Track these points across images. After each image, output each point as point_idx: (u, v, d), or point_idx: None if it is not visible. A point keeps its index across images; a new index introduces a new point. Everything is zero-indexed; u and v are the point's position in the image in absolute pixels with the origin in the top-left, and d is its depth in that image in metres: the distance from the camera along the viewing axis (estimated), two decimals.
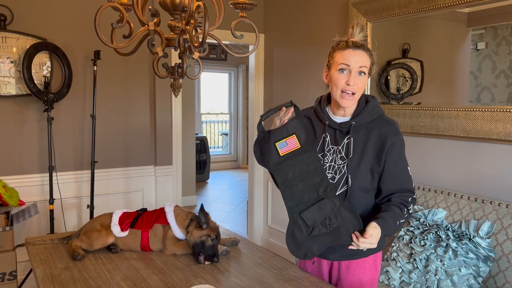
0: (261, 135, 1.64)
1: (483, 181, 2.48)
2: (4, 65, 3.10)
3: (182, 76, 1.60)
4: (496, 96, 2.43)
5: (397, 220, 1.57)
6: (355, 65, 1.55)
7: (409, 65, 2.90)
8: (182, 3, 1.51)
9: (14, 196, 2.95)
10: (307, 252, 1.60)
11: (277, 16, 4.10)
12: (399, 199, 1.61)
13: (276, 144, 1.59)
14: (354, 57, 1.55)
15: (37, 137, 3.29)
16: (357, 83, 1.56)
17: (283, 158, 1.59)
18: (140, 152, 3.73)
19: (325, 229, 1.56)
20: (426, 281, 2.18)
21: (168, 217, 1.92)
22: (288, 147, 1.59)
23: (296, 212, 1.59)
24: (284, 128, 1.60)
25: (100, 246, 1.90)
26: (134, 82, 3.66)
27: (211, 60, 8.45)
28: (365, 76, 1.58)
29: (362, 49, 1.57)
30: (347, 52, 1.56)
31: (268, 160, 1.61)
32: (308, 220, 1.57)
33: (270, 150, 1.60)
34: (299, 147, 1.59)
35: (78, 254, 1.82)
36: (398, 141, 1.60)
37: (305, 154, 1.59)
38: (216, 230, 1.87)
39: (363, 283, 1.69)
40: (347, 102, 1.58)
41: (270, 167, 1.62)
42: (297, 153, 1.59)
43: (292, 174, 1.59)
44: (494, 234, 2.20)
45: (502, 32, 2.39)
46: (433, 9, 2.64)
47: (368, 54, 1.58)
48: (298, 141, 1.59)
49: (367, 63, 1.57)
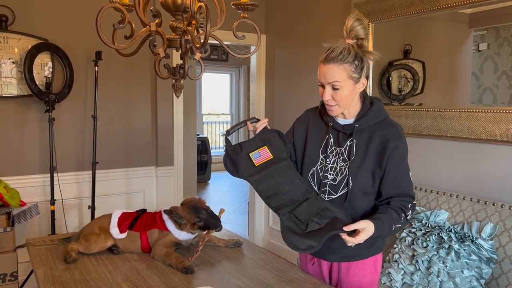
0: (231, 148, 1.70)
1: (485, 182, 2.47)
2: (5, 66, 3.10)
3: (183, 77, 1.60)
4: (498, 97, 2.42)
5: (393, 224, 1.55)
6: (325, 81, 1.55)
7: (411, 66, 2.90)
8: (184, 4, 1.51)
9: (15, 197, 2.95)
10: (309, 246, 1.57)
11: (278, 17, 4.10)
12: (398, 203, 1.59)
13: (250, 154, 1.66)
14: (323, 73, 1.55)
15: (38, 138, 3.29)
16: (334, 96, 1.56)
17: (258, 168, 1.65)
18: (141, 153, 3.73)
19: (319, 224, 1.57)
20: (428, 283, 2.17)
21: (167, 225, 1.89)
22: (262, 157, 1.66)
23: (286, 212, 1.62)
24: (257, 139, 1.67)
25: (98, 250, 1.88)
26: (135, 83, 3.66)
27: (213, 61, 8.45)
28: (342, 88, 1.54)
29: (333, 62, 1.52)
30: (320, 67, 1.57)
31: (243, 171, 1.67)
32: (301, 216, 1.59)
33: (244, 160, 1.66)
34: (271, 157, 1.65)
35: (69, 257, 1.79)
36: (400, 145, 1.58)
37: (278, 164, 1.65)
38: (196, 206, 1.87)
39: (363, 285, 1.69)
40: (330, 112, 1.62)
41: (246, 177, 1.67)
42: (271, 163, 1.65)
43: (268, 183, 1.64)
44: (497, 236, 2.19)
45: (504, 33, 2.38)
46: (435, 10, 2.63)
47: (344, 64, 1.51)
48: (270, 152, 1.66)
49: (340, 76, 1.52)
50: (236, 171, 1.69)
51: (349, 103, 1.60)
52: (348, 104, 1.60)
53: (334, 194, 1.62)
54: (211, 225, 1.84)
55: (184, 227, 1.87)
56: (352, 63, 1.53)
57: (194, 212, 1.85)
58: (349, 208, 1.61)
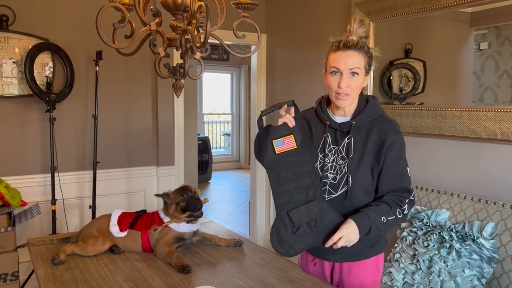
0: (261, 130, 1.66)
1: (486, 181, 2.47)
2: (6, 66, 3.10)
3: (183, 76, 1.60)
4: (499, 96, 2.42)
5: (382, 216, 1.54)
6: (345, 67, 1.54)
7: (412, 65, 2.89)
8: (184, 3, 1.51)
9: (16, 197, 2.95)
10: (289, 249, 1.60)
11: (279, 16, 4.10)
12: (393, 197, 1.59)
13: (274, 141, 1.61)
14: (344, 59, 1.53)
15: (39, 138, 3.29)
16: (350, 84, 1.55)
17: (278, 156, 1.61)
18: (142, 153, 3.73)
19: (310, 230, 1.58)
20: (429, 282, 2.17)
21: (165, 221, 1.91)
22: (285, 145, 1.61)
23: (284, 209, 1.61)
24: (285, 126, 1.61)
25: (95, 253, 1.87)
26: (136, 83, 3.66)
27: (213, 61, 8.44)
28: (359, 76, 1.55)
29: (353, 49, 1.54)
30: (338, 54, 1.55)
31: (263, 156, 1.63)
32: (295, 219, 1.58)
33: (267, 146, 1.62)
34: (295, 147, 1.61)
35: (57, 258, 1.77)
36: (397, 141, 1.58)
37: (300, 155, 1.61)
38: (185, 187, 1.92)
39: (365, 285, 1.68)
40: (342, 102, 1.58)
41: (264, 163, 1.63)
42: (292, 153, 1.61)
43: (285, 173, 1.61)
44: (498, 235, 2.19)
45: (505, 32, 2.37)
46: (435, 9, 2.63)
47: (362, 53, 1.55)
48: (295, 142, 1.61)
49: (360, 63, 1.54)
50: (258, 153, 1.65)
51: (357, 95, 1.60)
52: (356, 96, 1.60)
53: (334, 193, 1.62)
54: (191, 206, 1.87)
55: (170, 208, 1.91)
56: (366, 54, 1.56)
57: (180, 192, 1.91)
58: (349, 206, 1.61)
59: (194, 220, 1.92)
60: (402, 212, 1.59)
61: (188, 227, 1.92)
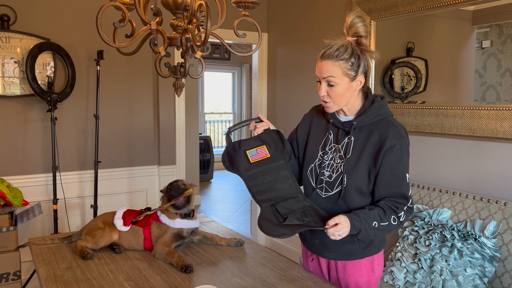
0: (230, 145, 1.75)
1: (488, 180, 2.46)
2: (7, 66, 3.11)
3: (184, 76, 1.60)
4: (501, 94, 2.41)
5: (374, 221, 1.51)
6: (321, 76, 1.57)
7: (414, 64, 2.88)
8: (184, 2, 1.51)
9: (18, 196, 2.95)
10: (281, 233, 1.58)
11: (280, 15, 4.09)
12: (389, 203, 1.55)
13: (247, 151, 1.71)
14: (319, 69, 1.57)
15: (40, 137, 3.30)
16: (328, 92, 1.57)
17: (253, 164, 1.70)
18: (143, 152, 3.73)
19: (298, 221, 1.59)
20: (431, 282, 2.16)
21: (161, 219, 1.94)
22: (258, 155, 1.71)
23: (268, 204, 1.65)
24: (257, 138, 1.73)
25: (105, 243, 1.91)
26: (137, 82, 3.66)
27: (215, 60, 8.44)
28: (337, 84, 1.54)
29: (328, 58, 1.53)
30: (318, 63, 1.58)
31: (238, 166, 1.71)
32: (281, 210, 1.62)
33: (240, 157, 1.71)
34: (268, 156, 1.71)
35: (87, 253, 1.83)
36: (398, 145, 1.54)
37: (275, 163, 1.69)
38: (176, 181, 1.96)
39: (359, 284, 1.67)
40: (327, 109, 1.63)
41: (240, 172, 1.70)
42: (267, 162, 1.69)
43: (262, 179, 1.68)
44: (500, 234, 2.18)
45: (507, 30, 2.36)
46: (437, 7, 2.62)
47: (340, 61, 1.52)
48: (267, 151, 1.71)
49: (335, 72, 1.53)
50: (231, 166, 1.73)
51: (345, 100, 1.59)
52: (343, 102, 1.59)
53: (330, 191, 1.62)
54: (174, 193, 1.90)
55: (162, 200, 1.97)
56: (347, 61, 1.53)
57: (169, 185, 1.96)
58: (343, 206, 1.60)
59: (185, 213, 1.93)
60: (397, 219, 1.54)
61: (184, 223, 1.93)
